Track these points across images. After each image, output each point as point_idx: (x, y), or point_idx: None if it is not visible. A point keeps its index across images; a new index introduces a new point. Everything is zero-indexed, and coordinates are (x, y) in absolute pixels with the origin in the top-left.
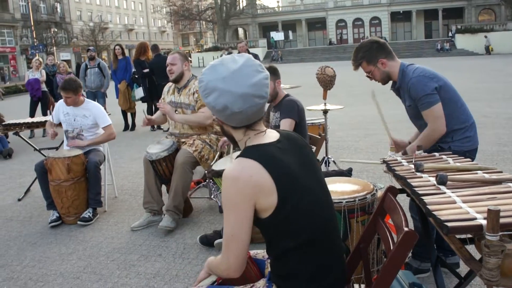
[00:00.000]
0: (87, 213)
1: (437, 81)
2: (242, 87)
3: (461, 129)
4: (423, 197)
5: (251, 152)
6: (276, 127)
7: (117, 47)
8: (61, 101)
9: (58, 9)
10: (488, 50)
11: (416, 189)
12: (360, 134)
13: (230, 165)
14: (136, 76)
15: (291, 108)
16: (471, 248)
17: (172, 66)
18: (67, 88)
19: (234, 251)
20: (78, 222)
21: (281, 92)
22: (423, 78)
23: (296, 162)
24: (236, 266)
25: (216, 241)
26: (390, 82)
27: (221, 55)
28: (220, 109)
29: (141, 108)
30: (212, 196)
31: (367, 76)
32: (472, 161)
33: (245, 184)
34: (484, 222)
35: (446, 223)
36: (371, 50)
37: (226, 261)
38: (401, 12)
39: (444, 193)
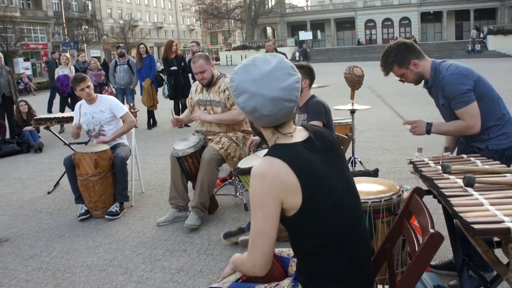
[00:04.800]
0: (114, 208)
1: (471, 77)
2: (273, 91)
3: (497, 125)
4: (449, 199)
5: (278, 151)
6: None
7: (141, 46)
8: (77, 104)
9: (89, 7)
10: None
11: (443, 190)
12: (388, 134)
13: (258, 162)
14: (161, 74)
15: (318, 110)
16: (498, 252)
17: (203, 74)
18: (83, 78)
19: (261, 248)
20: (106, 216)
21: (307, 92)
22: (457, 76)
23: (324, 161)
24: (262, 264)
25: (240, 238)
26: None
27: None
28: (250, 111)
29: (163, 106)
30: (238, 193)
31: (399, 80)
32: None
33: (272, 182)
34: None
35: (472, 225)
36: (401, 53)
37: (253, 258)
38: (432, 12)
39: (472, 195)
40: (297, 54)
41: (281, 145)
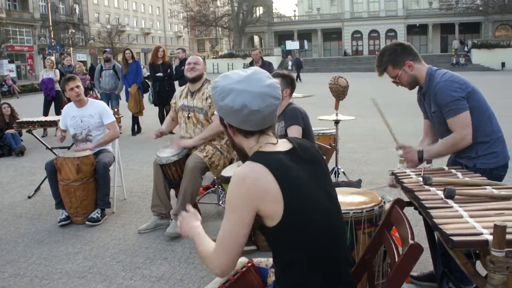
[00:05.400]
0: (95, 214)
1: (466, 87)
2: (259, 87)
3: (487, 142)
4: (430, 211)
5: (260, 157)
6: (282, 137)
7: (127, 51)
8: (66, 107)
9: (77, 11)
10: None
11: (423, 202)
12: (371, 146)
13: (240, 166)
14: (146, 81)
15: (294, 115)
16: (477, 264)
17: (196, 65)
18: (72, 77)
19: (227, 251)
20: (86, 222)
21: (286, 101)
22: (451, 83)
23: (306, 171)
24: (223, 267)
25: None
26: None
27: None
28: (239, 108)
29: (148, 113)
30: (221, 202)
31: (393, 81)
32: (503, 177)
33: (250, 186)
34: (490, 237)
35: (451, 237)
36: (396, 53)
37: (216, 259)
38: (417, 25)
39: (452, 207)
40: (289, 63)
41: (263, 152)
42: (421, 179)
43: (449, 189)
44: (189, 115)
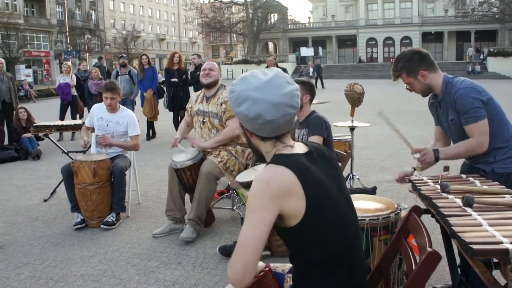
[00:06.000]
0: (110, 217)
1: (485, 94)
2: (275, 96)
3: (504, 147)
4: (448, 218)
5: (281, 159)
6: None
7: (143, 56)
8: (96, 105)
9: (93, 17)
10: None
11: (441, 209)
12: (386, 153)
13: (262, 170)
14: (162, 86)
15: (319, 125)
16: (496, 273)
17: (211, 71)
18: (114, 89)
19: (245, 257)
20: (102, 226)
21: (307, 108)
22: (471, 90)
23: (325, 174)
24: (241, 272)
25: None
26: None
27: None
28: (253, 117)
29: (163, 118)
30: (235, 207)
31: (406, 88)
32: None
33: (276, 188)
34: (510, 246)
35: (471, 245)
36: (412, 61)
37: (233, 265)
38: (433, 32)
39: (470, 215)
40: (311, 69)
41: (283, 155)
42: (438, 186)
43: (468, 197)
44: (204, 120)
